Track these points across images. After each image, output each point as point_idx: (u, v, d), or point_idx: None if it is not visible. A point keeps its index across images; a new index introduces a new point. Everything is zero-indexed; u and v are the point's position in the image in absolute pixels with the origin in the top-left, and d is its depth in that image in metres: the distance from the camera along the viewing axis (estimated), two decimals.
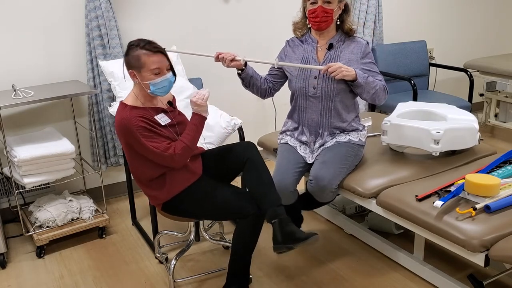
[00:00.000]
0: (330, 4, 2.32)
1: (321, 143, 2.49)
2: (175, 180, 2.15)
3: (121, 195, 3.51)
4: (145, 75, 2.04)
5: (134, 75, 2.07)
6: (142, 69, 2.04)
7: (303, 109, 2.50)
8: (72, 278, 2.58)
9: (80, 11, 3.08)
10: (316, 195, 2.41)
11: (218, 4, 3.53)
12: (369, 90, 2.33)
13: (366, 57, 2.41)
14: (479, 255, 1.93)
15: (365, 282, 2.45)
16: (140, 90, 2.11)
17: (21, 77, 3.02)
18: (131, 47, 2.06)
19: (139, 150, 2.08)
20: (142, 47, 2.03)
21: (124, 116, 2.04)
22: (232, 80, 3.72)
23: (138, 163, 2.14)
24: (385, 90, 2.40)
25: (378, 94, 2.36)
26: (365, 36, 4.01)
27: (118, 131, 2.08)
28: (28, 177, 2.69)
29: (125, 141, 2.08)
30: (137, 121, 2.02)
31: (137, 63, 2.04)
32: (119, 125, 2.05)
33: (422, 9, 4.50)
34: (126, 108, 2.07)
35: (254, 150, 2.23)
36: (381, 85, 2.38)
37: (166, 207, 2.21)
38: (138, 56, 2.03)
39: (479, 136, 2.56)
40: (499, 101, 4.44)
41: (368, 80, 2.32)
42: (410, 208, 2.17)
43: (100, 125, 3.21)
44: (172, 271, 2.37)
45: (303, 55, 2.48)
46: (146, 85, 2.07)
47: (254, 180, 2.17)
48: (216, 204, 2.16)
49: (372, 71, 2.42)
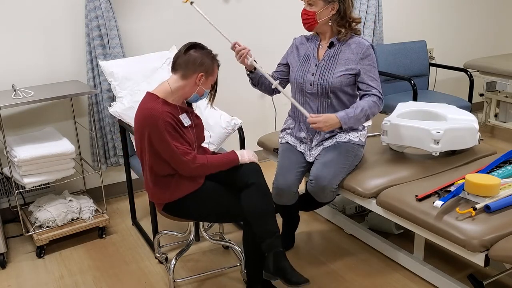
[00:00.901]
0: (312, 7, 2.35)
1: (319, 139, 2.49)
2: (182, 183, 2.13)
3: (121, 195, 3.51)
4: (207, 83, 2.16)
5: (200, 79, 2.11)
6: (209, 78, 2.14)
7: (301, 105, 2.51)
8: (72, 278, 2.58)
9: (80, 11, 3.08)
10: (316, 195, 2.41)
11: (218, 4, 3.53)
12: (360, 120, 2.36)
13: (366, 58, 2.39)
14: (479, 255, 1.93)
15: (365, 282, 2.45)
16: (186, 91, 2.13)
17: (21, 77, 3.02)
18: (206, 53, 2.12)
19: (159, 146, 2.04)
20: (215, 59, 2.17)
21: (155, 108, 2.02)
22: (232, 80, 3.72)
23: (153, 157, 2.11)
24: (376, 105, 2.36)
25: (370, 115, 2.37)
26: (365, 36, 4.01)
27: (142, 120, 2.04)
28: (28, 177, 2.69)
29: (148, 132, 2.04)
30: (167, 117, 2.02)
31: (210, 71, 2.13)
32: (147, 115, 2.02)
33: (422, 9, 4.50)
34: (158, 100, 2.06)
35: (261, 175, 2.22)
36: (371, 105, 2.34)
37: (167, 208, 2.20)
38: (214, 67, 2.15)
39: (479, 136, 2.56)
40: (499, 101, 4.44)
41: (355, 114, 2.32)
42: (410, 208, 2.17)
43: (100, 125, 3.21)
44: (172, 271, 2.37)
45: (305, 52, 2.51)
46: (201, 91, 2.15)
47: (256, 205, 2.13)
48: (218, 208, 2.16)
49: (368, 74, 2.39)
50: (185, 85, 2.11)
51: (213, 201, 2.16)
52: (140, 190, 3.55)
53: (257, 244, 2.16)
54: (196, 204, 2.16)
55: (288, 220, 2.73)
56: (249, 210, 2.12)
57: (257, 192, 2.14)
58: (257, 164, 2.24)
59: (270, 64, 2.76)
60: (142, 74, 2.93)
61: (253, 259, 2.23)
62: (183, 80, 2.11)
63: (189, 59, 2.09)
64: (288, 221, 2.73)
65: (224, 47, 3.65)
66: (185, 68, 2.09)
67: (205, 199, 2.16)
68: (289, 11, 3.80)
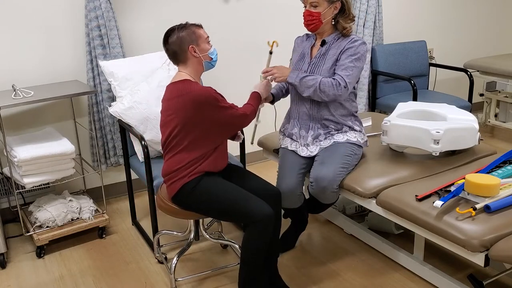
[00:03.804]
0: (316, 8, 2.36)
1: (314, 136, 2.49)
2: (206, 162, 2.21)
3: (121, 195, 3.51)
4: (203, 46, 2.20)
5: (194, 50, 2.17)
6: (199, 41, 2.18)
7: (296, 102, 2.55)
8: (72, 278, 2.58)
9: (80, 11, 3.08)
10: (318, 196, 2.41)
11: (218, 4, 3.53)
12: (308, 88, 2.35)
13: (348, 50, 2.37)
14: (479, 255, 1.93)
15: (365, 282, 2.45)
16: (196, 69, 2.22)
17: (21, 77, 3.02)
18: (178, 29, 2.18)
19: (218, 116, 2.13)
20: (189, 24, 2.20)
21: (201, 88, 2.10)
22: (232, 80, 3.72)
23: (204, 132, 2.16)
24: (332, 85, 2.32)
25: (320, 90, 2.33)
26: (365, 36, 4.01)
27: (202, 102, 2.08)
28: (28, 177, 2.69)
29: (203, 109, 2.10)
30: (212, 90, 2.11)
31: (193, 37, 2.17)
32: (200, 95, 2.08)
33: (422, 9, 4.50)
34: (194, 83, 2.14)
35: (280, 203, 2.36)
36: (326, 81, 2.32)
37: (178, 195, 2.19)
38: (191, 31, 2.18)
39: (479, 136, 2.56)
40: (499, 101, 4.45)
41: (306, 78, 2.35)
42: (410, 208, 2.17)
43: (100, 125, 3.21)
44: (173, 270, 2.37)
45: (302, 51, 2.56)
46: (206, 56, 2.21)
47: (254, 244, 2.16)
48: (226, 200, 2.14)
49: (341, 63, 2.36)
50: (191, 66, 2.22)
51: (223, 190, 2.16)
52: (140, 190, 3.55)
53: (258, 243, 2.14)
54: (205, 191, 2.16)
55: (296, 222, 2.73)
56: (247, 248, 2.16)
57: (277, 221, 2.30)
58: (277, 190, 2.34)
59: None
60: (142, 74, 2.93)
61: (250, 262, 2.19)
62: (186, 64, 2.21)
63: (172, 48, 2.19)
64: (296, 223, 2.73)
65: (224, 47, 3.65)
66: (177, 56, 2.20)
67: (215, 186, 2.17)
68: (289, 11, 3.81)
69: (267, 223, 2.10)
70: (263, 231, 2.11)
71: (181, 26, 2.20)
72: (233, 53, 3.69)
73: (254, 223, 2.10)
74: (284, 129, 2.66)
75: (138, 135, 2.63)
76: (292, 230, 2.75)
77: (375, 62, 4.05)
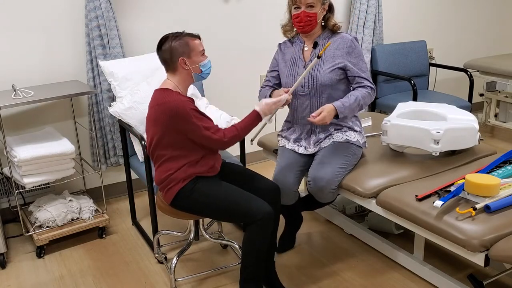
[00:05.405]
0: (313, 8, 2.36)
1: (315, 140, 2.50)
2: (197, 165, 2.19)
3: (121, 195, 3.51)
4: (195, 59, 2.16)
5: (185, 62, 2.14)
6: (191, 53, 2.15)
7: (295, 108, 2.54)
8: (72, 278, 2.58)
9: (80, 11, 3.08)
10: (317, 195, 2.41)
11: (218, 4, 3.53)
12: (354, 109, 2.37)
13: (352, 52, 2.41)
14: (479, 255, 1.93)
15: (365, 282, 2.45)
16: (184, 79, 2.19)
17: (21, 77, 3.02)
18: (172, 38, 2.15)
19: (190, 133, 2.10)
20: (184, 35, 2.16)
21: (175, 99, 2.07)
22: (231, 80, 3.72)
23: (184, 142, 2.15)
24: (369, 95, 2.40)
25: (363, 105, 2.40)
26: (365, 36, 4.01)
27: (173, 115, 2.06)
28: (28, 177, 2.69)
29: (181, 124, 2.07)
30: (190, 104, 2.08)
31: (185, 49, 2.14)
32: (174, 107, 2.05)
33: (422, 9, 4.50)
34: (174, 93, 2.11)
35: (279, 198, 2.35)
36: (364, 94, 2.38)
37: (176, 200, 2.19)
38: (185, 42, 2.14)
39: (479, 136, 2.56)
40: (499, 101, 4.44)
41: (350, 104, 2.34)
42: (410, 208, 2.17)
43: (100, 125, 3.21)
44: (173, 270, 2.37)
45: (292, 55, 2.54)
46: (197, 68, 2.18)
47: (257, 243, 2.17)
48: (225, 201, 2.14)
49: (358, 67, 2.41)
50: (179, 76, 2.19)
51: (221, 192, 2.16)
52: (140, 190, 3.55)
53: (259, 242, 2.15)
54: (204, 193, 2.16)
55: (290, 220, 2.73)
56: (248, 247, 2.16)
57: (275, 217, 2.27)
58: (275, 185, 2.34)
59: (269, 64, 2.77)
60: (142, 74, 2.93)
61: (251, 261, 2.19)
62: (174, 73, 2.19)
63: (163, 56, 2.19)
64: (291, 222, 2.74)
65: (224, 47, 3.65)
66: (167, 64, 2.19)
67: (213, 188, 2.17)
68: None
69: (267, 222, 2.11)
70: (264, 230, 2.11)
71: (176, 35, 2.16)
72: (233, 53, 3.69)
73: (255, 222, 2.10)
74: (285, 135, 2.64)
75: (138, 135, 2.63)
76: (288, 230, 2.75)
77: (375, 62, 4.05)
